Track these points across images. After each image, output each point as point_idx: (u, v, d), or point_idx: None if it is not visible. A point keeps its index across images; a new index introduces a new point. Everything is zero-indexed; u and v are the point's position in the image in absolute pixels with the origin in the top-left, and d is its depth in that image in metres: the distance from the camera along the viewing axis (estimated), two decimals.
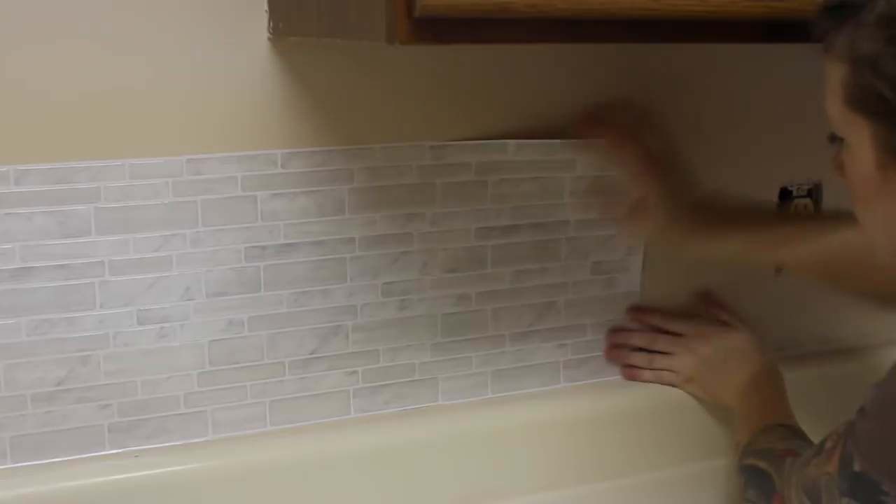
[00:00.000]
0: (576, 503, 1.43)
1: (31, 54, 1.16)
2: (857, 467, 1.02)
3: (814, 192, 1.55)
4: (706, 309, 1.53)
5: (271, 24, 1.23)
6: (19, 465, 1.23)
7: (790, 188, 1.55)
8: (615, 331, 1.50)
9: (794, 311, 1.61)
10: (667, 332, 1.49)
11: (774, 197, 1.55)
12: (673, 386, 1.48)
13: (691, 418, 1.50)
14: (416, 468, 1.37)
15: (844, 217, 1.14)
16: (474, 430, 1.41)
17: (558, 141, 1.39)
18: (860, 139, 0.96)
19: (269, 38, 1.24)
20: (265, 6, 1.23)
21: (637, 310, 1.50)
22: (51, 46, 1.16)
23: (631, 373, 1.50)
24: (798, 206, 1.55)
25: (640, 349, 1.50)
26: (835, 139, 1.01)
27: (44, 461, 1.24)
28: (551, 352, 1.47)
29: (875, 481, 1.01)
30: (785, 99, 1.52)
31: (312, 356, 1.34)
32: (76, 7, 1.16)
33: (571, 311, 1.46)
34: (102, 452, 1.26)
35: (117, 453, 1.27)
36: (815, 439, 1.16)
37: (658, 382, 1.49)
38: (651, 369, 1.49)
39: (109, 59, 1.19)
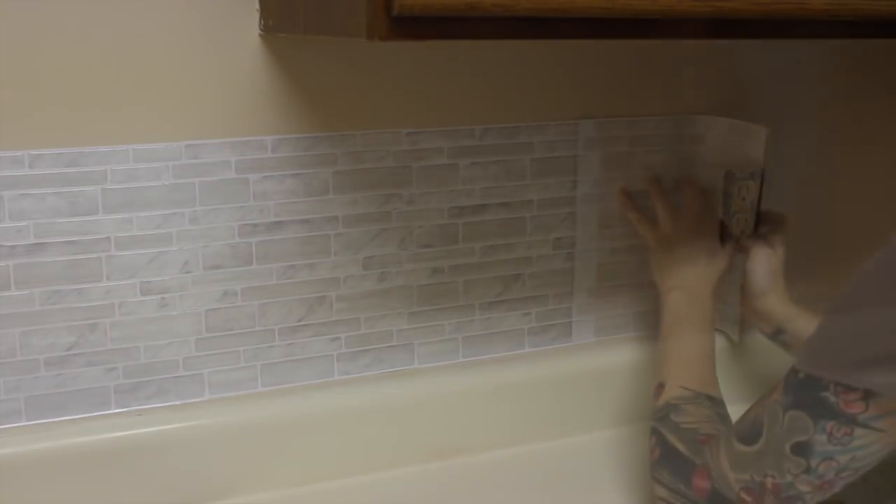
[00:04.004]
0: (539, 458, 1.42)
1: (44, 51, 1.16)
2: (801, 375, 1.00)
3: (755, 175, 1.56)
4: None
5: (262, 23, 1.23)
6: (33, 422, 1.24)
7: (733, 171, 1.55)
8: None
9: None
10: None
11: (720, 179, 1.54)
12: (644, 231, 1.43)
13: (648, 379, 1.47)
14: (394, 426, 1.38)
15: None
16: (447, 391, 1.41)
17: (518, 126, 1.40)
18: None
19: (259, 35, 1.24)
20: (256, 6, 1.23)
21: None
22: (64, 46, 1.17)
23: (623, 202, 1.46)
24: (742, 188, 1.55)
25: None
26: None
27: (55, 419, 1.25)
28: (517, 319, 1.47)
29: (817, 378, 0.98)
30: (727, 90, 1.54)
31: (300, 324, 1.34)
32: (89, 7, 1.17)
33: (535, 282, 1.46)
34: (109, 411, 1.27)
35: (122, 412, 1.28)
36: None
37: (636, 223, 1.45)
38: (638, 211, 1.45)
39: (117, 55, 1.19)
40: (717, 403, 1.22)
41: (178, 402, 1.30)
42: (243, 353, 1.32)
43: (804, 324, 1.36)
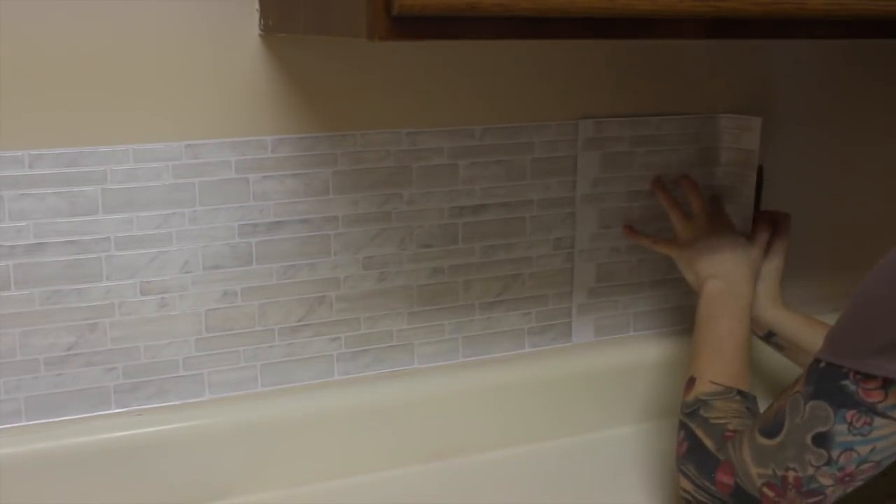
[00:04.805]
0: (539, 458, 1.42)
1: (44, 51, 1.16)
2: (822, 364, 1.01)
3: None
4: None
5: (262, 23, 1.23)
6: (33, 422, 1.24)
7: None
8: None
9: None
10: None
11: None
12: (666, 250, 1.44)
13: (647, 379, 1.52)
14: (394, 426, 1.37)
15: None
16: (447, 391, 1.41)
17: (518, 126, 1.39)
18: None
19: (260, 35, 1.24)
20: (256, 6, 1.23)
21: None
22: (64, 46, 1.16)
23: (631, 236, 1.49)
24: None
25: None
26: None
27: (55, 419, 1.25)
28: (517, 319, 1.47)
29: (837, 366, 0.99)
30: (727, 90, 1.54)
31: (299, 324, 1.34)
32: (89, 7, 1.17)
33: (535, 282, 1.46)
34: (108, 411, 1.27)
35: (122, 412, 1.27)
36: None
37: (652, 247, 1.46)
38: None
39: (117, 55, 1.19)
40: (747, 398, 1.22)
41: (178, 402, 1.30)
42: (243, 353, 1.32)
43: (795, 326, 1.37)
